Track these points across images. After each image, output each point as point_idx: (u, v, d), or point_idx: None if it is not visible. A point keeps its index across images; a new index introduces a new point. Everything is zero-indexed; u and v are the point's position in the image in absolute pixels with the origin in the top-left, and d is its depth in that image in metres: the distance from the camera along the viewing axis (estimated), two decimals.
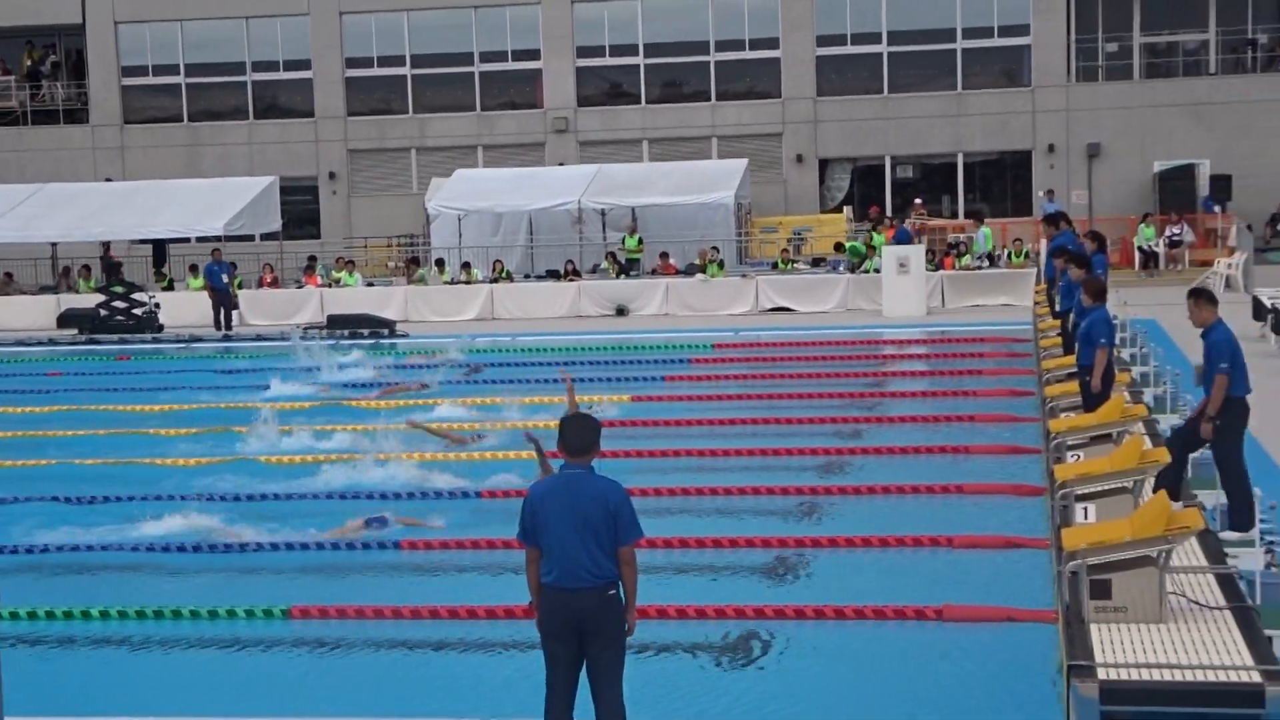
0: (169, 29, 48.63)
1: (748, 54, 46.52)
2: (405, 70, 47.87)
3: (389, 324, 33.65)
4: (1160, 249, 39.54)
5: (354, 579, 13.54)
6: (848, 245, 37.72)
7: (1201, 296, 13.41)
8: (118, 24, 48.70)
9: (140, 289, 36.33)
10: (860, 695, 10.15)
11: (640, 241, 39.41)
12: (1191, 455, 13.36)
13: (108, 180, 46.17)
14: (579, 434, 8.56)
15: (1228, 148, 43.14)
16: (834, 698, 10.10)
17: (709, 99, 46.65)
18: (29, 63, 51.06)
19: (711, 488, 16.39)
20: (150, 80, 49.23)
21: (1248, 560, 10.96)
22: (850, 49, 45.91)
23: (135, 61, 49.05)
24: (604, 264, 38.70)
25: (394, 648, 11.56)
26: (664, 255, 37.94)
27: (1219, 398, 12.82)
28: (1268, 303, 26.15)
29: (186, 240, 40.81)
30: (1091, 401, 15.02)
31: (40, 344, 34.54)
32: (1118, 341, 13.57)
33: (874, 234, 38.70)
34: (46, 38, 51.21)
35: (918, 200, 43.61)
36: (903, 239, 20.40)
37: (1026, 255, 35.68)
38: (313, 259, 40.03)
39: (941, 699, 9.99)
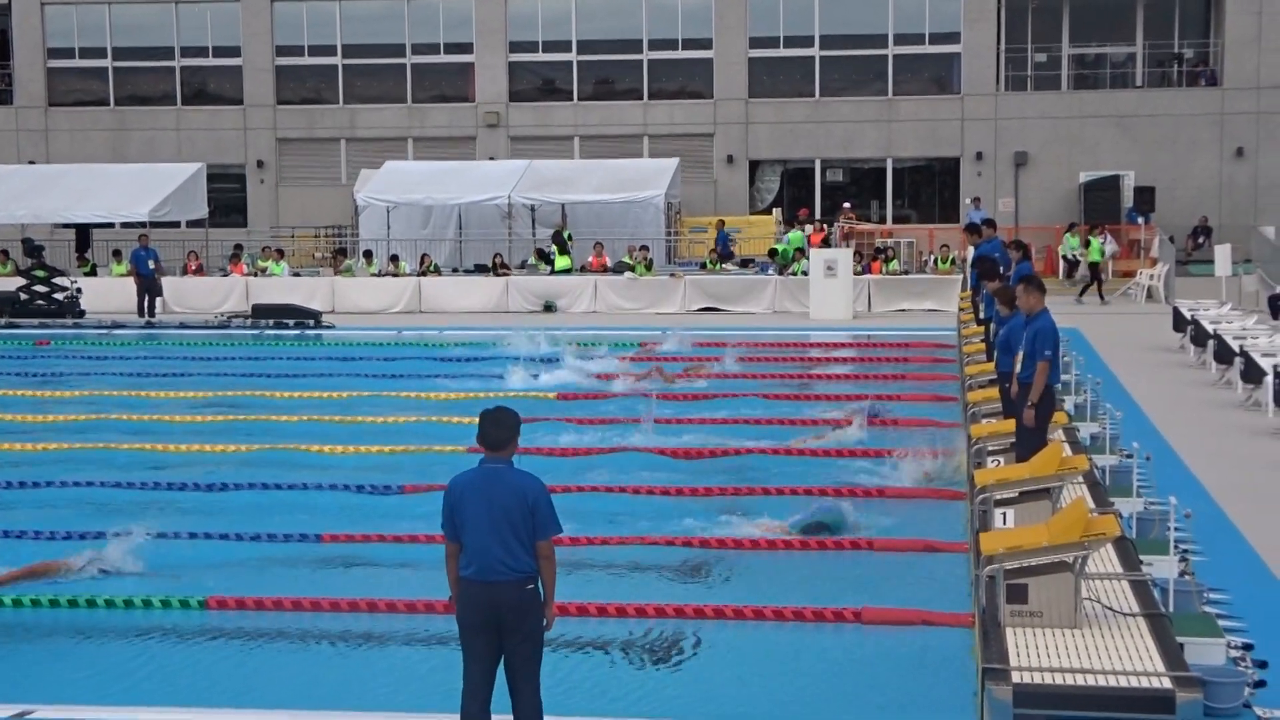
0: (96, 11, 48.08)
1: (681, 54, 46.59)
2: (336, 60, 47.58)
3: (315, 314, 33.46)
4: (1083, 259, 39.93)
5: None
6: (780, 248, 37.82)
7: (1031, 283, 13.86)
8: (44, 5, 48.12)
9: (62, 274, 35.89)
10: (778, 696, 10.17)
11: (570, 237, 39.20)
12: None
13: (31, 163, 45.59)
14: (498, 428, 8.52)
15: (1152, 160, 43.69)
16: (752, 698, 10.12)
17: (641, 97, 46.68)
18: None
19: (634, 486, 16.37)
20: (76, 63, 48.67)
21: (1162, 568, 11.10)
22: (783, 51, 46.08)
23: (61, 44, 48.47)
24: (531, 259, 38.62)
25: (316, 640, 11.49)
26: (599, 245, 37.95)
27: (1041, 384, 13.11)
28: (1188, 314, 26.49)
29: (111, 226, 40.35)
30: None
31: None
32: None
33: (794, 232, 39.07)
34: None
35: (846, 204, 43.85)
36: (992, 250, 19.87)
37: (953, 262, 35.95)
38: (239, 247, 39.70)
39: (859, 700, 10.04)
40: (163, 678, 10.72)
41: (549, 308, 35.67)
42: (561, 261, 37.71)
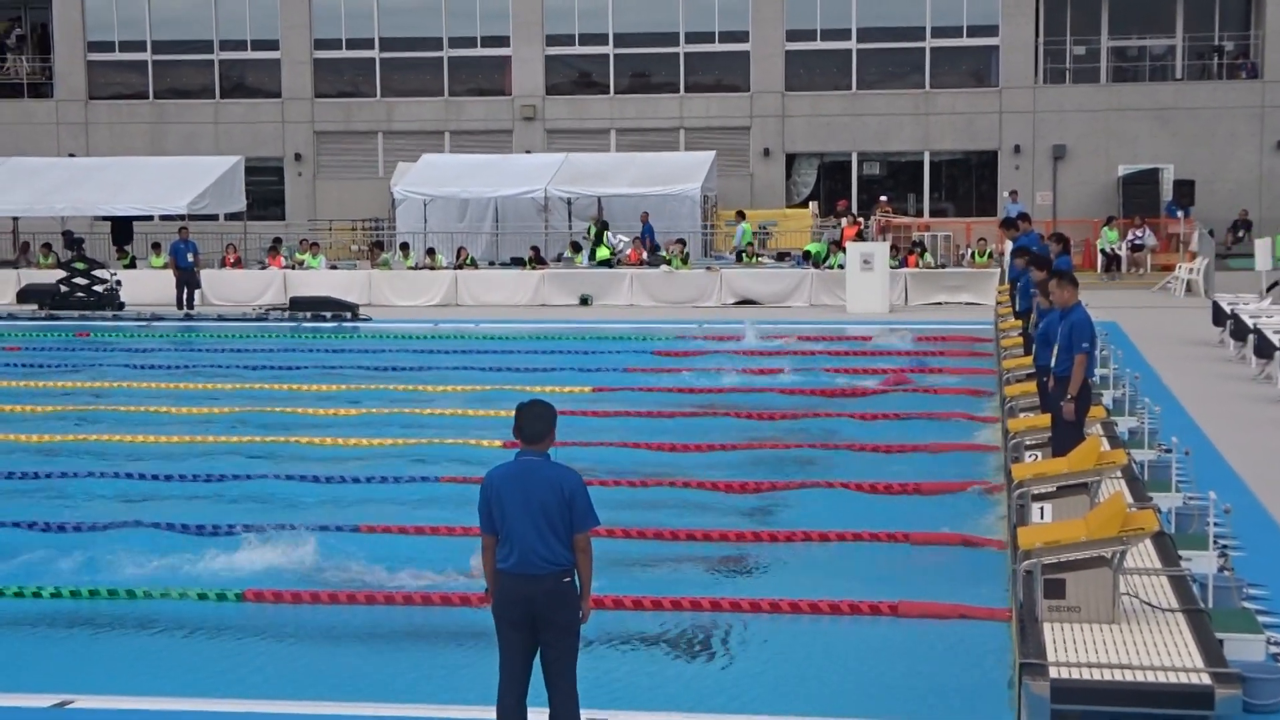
0: (136, 5, 48.29)
1: (717, 47, 46.51)
2: (374, 53, 47.68)
3: (352, 307, 33.54)
4: (1123, 252, 39.77)
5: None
6: (812, 250, 37.69)
7: (1064, 277, 13.84)
8: None
9: (102, 266, 36.10)
10: (814, 690, 10.16)
11: (599, 236, 39.26)
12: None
13: (71, 156, 45.86)
14: (535, 421, 8.55)
15: (1191, 153, 43.42)
16: (787, 692, 10.12)
17: (677, 91, 46.61)
18: None
19: (671, 480, 16.38)
20: (116, 56, 48.89)
21: (1200, 563, 11.04)
22: (820, 44, 45.95)
23: (102, 37, 48.69)
24: (567, 252, 38.67)
25: (354, 633, 11.53)
26: (639, 239, 38.11)
27: (1080, 377, 13.06)
28: (1227, 308, 26.33)
29: (150, 218, 40.56)
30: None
31: None
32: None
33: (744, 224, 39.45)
34: (12, 11, 50.82)
35: (883, 197, 43.72)
36: (1030, 243, 19.84)
37: (990, 255, 35.82)
38: (277, 240, 39.85)
39: (895, 695, 10.02)
40: (200, 668, 10.78)
41: (585, 301, 35.68)
42: (601, 252, 37.85)
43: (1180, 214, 41.46)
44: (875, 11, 45.35)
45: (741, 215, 39.95)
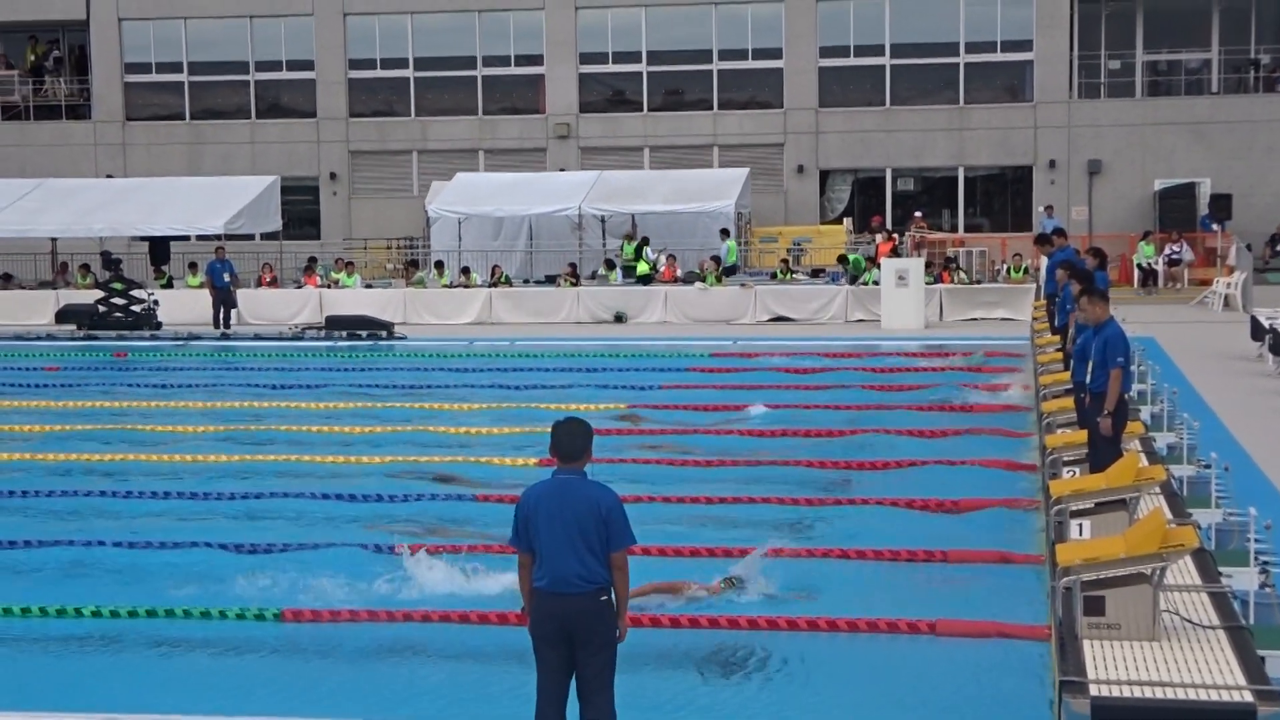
0: (173, 26, 48.65)
1: (750, 63, 46.55)
2: (408, 73, 47.89)
3: (387, 326, 33.64)
4: (1159, 267, 39.59)
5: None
6: (850, 258, 37.74)
7: (1094, 293, 13.78)
8: (122, 20, 48.72)
9: (139, 286, 36.31)
10: (852, 709, 10.12)
11: (638, 251, 39.42)
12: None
13: (109, 176, 46.17)
14: (571, 439, 8.55)
15: (1228, 167, 43.21)
16: (824, 711, 10.07)
17: (711, 108, 46.67)
18: (33, 58, 51.10)
19: (707, 497, 16.35)
20: (153, 77, 49.26)
21: (1242, 580, 10.95)
22: (853, 60, 45.95)
23: (139, 58, 49.08)
24: (601, 269, 38.72)
25: (393, 651, 11.53)
26: (671, 258, 38.15)
27: (1116, 392, 12.98)
28: (1266, 323, 26.14)
29: (187, 238, 40.80)
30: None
31: (39, 339, 34.56)
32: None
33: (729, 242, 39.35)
34: (50, 33, 51.24)
35: (918, 213, 43.64)
36: (1065, 258, 19.80)
37: (1025, 270, 35.71)
38: (312, 259, 40.03)
39: (935, 714, 9.96)
40: (239, 687, 10.79)
41: (619, 318, 35.72)
42: (641, 267, 37.95)
43: (1216, 228, 41.26)
44: (909, 27, 45.32)
45: (726, 233, 39.85)
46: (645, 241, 39.86)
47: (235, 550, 14.28)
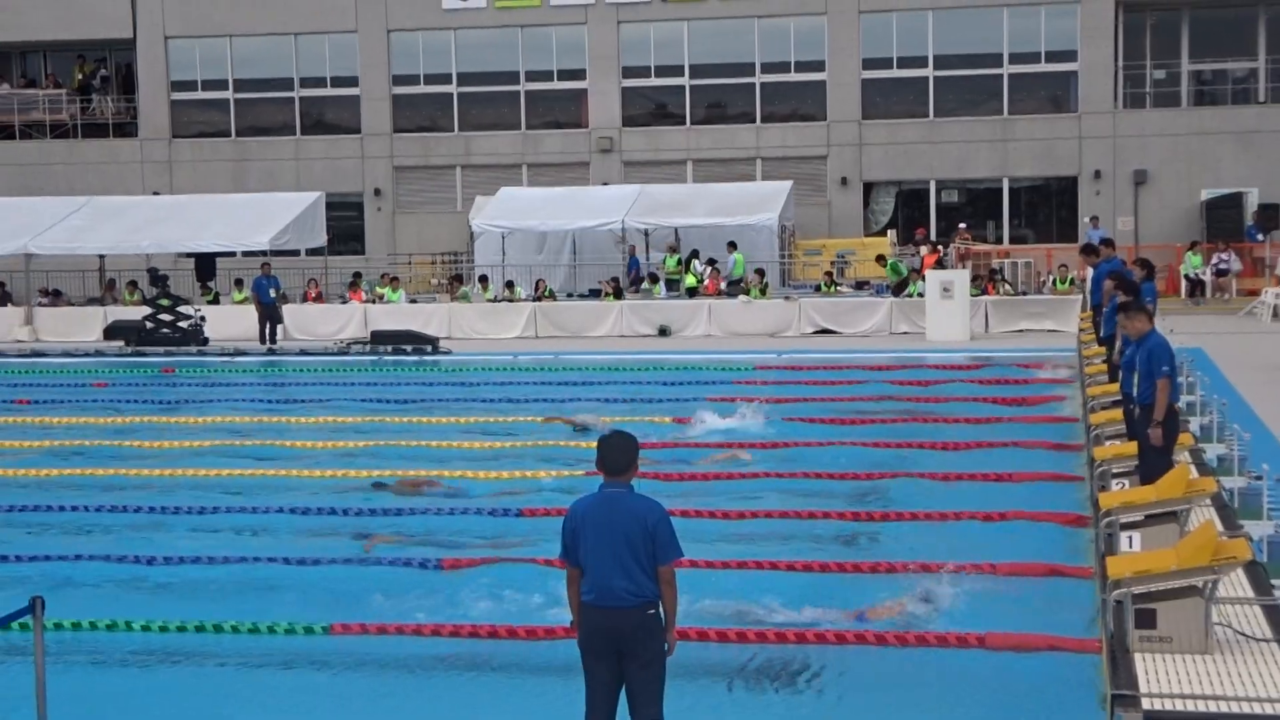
0: (218, 45, 49.01)
1: (793, 76, 46.53)
2: (451, 88, 48.08)
3: (432, 341, 33.76)
4: (1207, 278, 39.33)
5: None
6: (889, 262, 37.67)
7: (1132, 308, 13.77)
8: (168, 39, 49.10)
9: (186, 302, 36.57)
10: None
11: (680, 262, 39.44)
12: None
13: (155, 194, 46.53)
14: (618, 453, 8.57)
15: (1276, 176, 42.88)
16: None
17: (754, 121, 46.66)
18: (80, 77, 51.60)
19: (753, 511, 16.33)
20: (199, 95, 49.62)
21: None
22: (896, 72, 45.88)
23: (184, 76, 49.45)
24: (645, 283, 38.76)
25: (438, 665, 11.55)
26: (711, 262, 38.20)
27: (1164, 401, 12.94)
28: None
29: (232, 254, 41.05)
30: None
31: (87, 355, 34.85)
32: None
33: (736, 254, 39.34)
34: (97, 52, 51.70)
35: (962, 225, 43.48)
36: (1113, 269, 19.72)
37: (1071, 282, 35.53)
38: (357, 275, 40.22)
39: None
40: (284, 703, 10.84)
41: (664, 332, 35.73)
42: (689, 280, 38.01)
43: (1261, 238, 40.97)
44: (952, 38, 45.21)
45: (733, 246, 39.80)
46: (695, 254, 39.88)
47: (284, 563, 14.35)
